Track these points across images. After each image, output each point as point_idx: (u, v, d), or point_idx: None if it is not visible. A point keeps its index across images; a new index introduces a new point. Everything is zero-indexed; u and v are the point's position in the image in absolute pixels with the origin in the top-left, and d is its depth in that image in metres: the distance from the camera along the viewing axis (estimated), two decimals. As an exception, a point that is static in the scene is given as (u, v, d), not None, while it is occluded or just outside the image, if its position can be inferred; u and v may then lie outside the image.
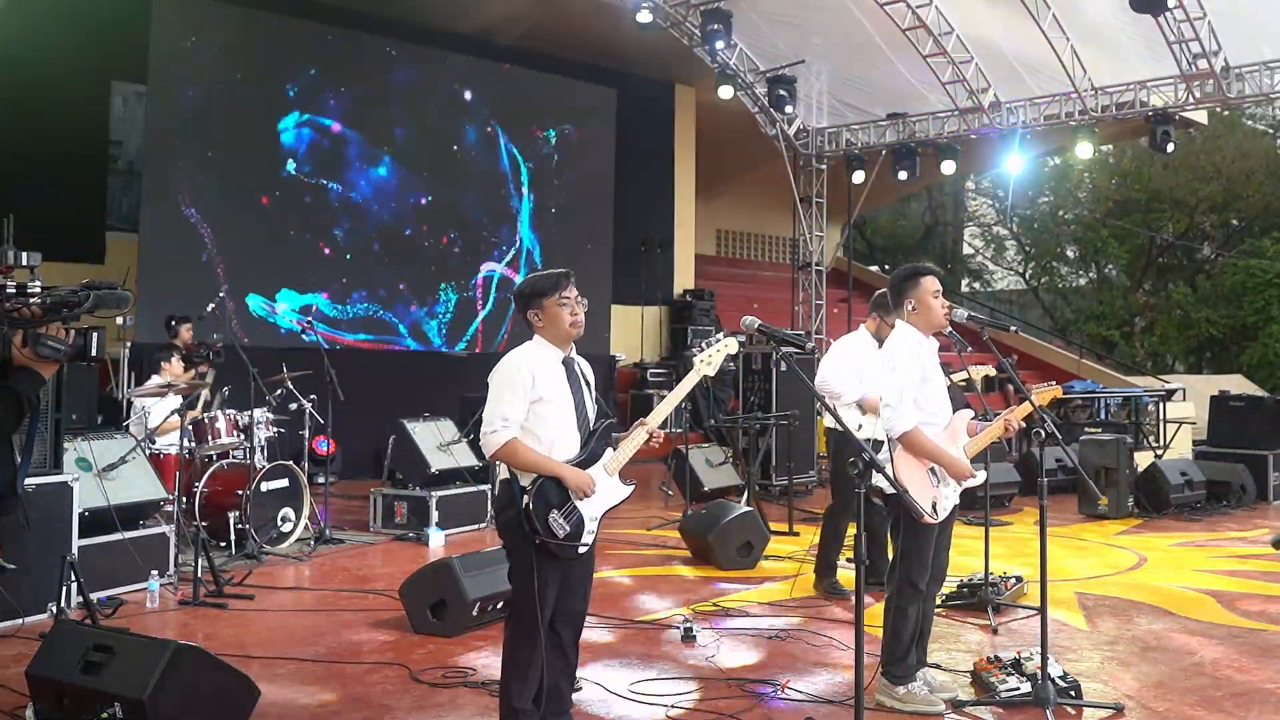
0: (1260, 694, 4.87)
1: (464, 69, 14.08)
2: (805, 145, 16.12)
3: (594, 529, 3.87)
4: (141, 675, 3.86)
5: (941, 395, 4.67)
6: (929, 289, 4.63)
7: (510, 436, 3.77)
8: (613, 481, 3.95)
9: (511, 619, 3.91)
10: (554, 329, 3.90)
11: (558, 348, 3.93)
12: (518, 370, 3.82)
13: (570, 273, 3.94)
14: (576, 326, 3.90)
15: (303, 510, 8.10)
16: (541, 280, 3.92)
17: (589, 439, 3.92)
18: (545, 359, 3.90)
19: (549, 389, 3.85)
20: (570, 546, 3.80)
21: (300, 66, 12.55)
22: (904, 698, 4.56)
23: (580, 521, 3.82)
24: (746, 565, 7.50)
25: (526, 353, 3.91)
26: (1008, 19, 12.56)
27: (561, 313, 3.87)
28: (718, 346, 4.04)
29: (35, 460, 6.00)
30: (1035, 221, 32.85)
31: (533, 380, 3.81)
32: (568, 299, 3.88)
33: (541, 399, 3.83)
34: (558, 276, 3.91)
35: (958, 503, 4.69)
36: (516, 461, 3.80)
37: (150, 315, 11.14)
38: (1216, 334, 28.02)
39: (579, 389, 3.96)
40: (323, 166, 12.72)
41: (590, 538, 3.86)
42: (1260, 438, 11.23)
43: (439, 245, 13.78)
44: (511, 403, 3.78)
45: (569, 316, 3.88)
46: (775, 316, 16.19)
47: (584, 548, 3.84)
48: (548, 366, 3.89)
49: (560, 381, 3.90)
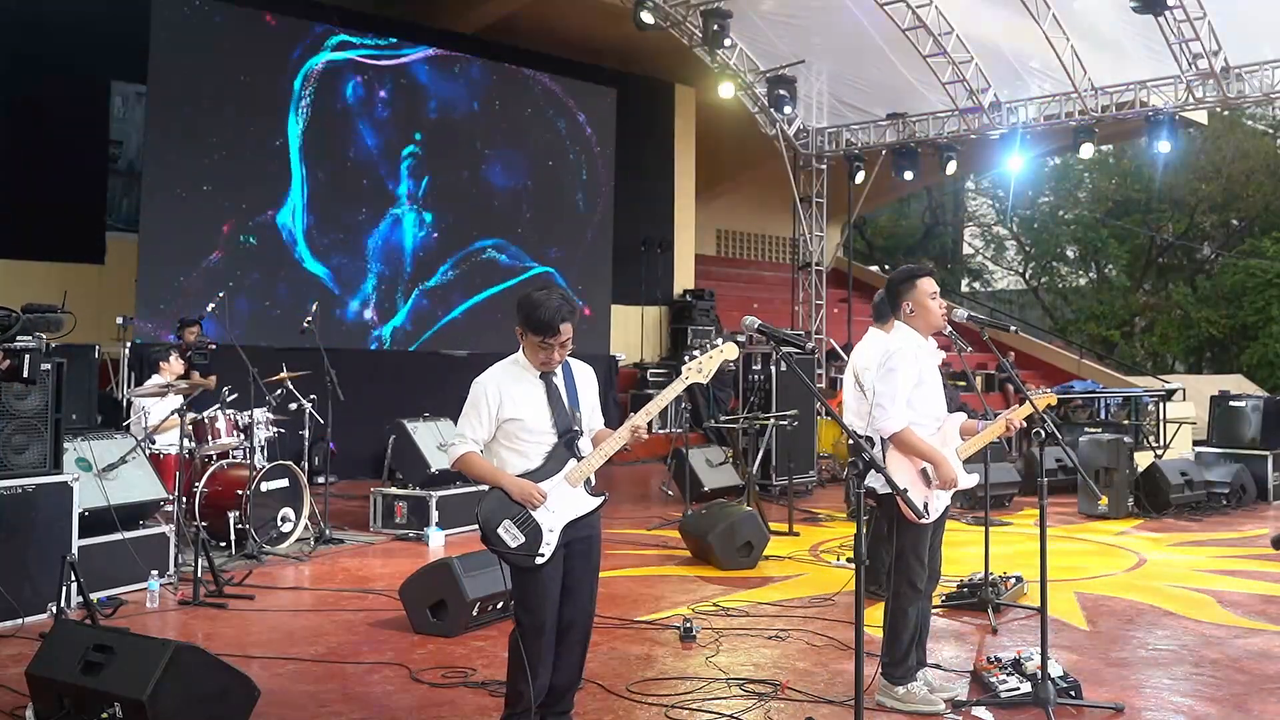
0: (1261, 694, 4.86)
1: (465, 69, 14.07)
2: (805, 145, 16.12)
3: (553, 540, 3.87)
4: (141, 675, 3.86)
5: (936, 398, 4.67)
6: (926, 290, 4.63)
7: (464, 450, 3.96)
8: (576, 493, 3.95)
9: (515, 620, 3.99)
10: (531, 357, 3.99)
11: (536, 367, 4.01)
12: (484, 392, 3.96)
13: (572, 312, 3.94)
14: (549, 366, 3.97)
15: (303, 510, 8.10)
16: (539, 321, 3.88)
17: (550, 452, 3.95)
18: (519, 377, 4.00)
19: (520, 408, 3.94)
20: (523, 556, 3.84)
21: (300, 66, 12.54)
22: (904, 698, 4.56)
23: (536, 531, 3.85)
24: (746, 565, 7.49)
25: (499, 373, 4.02)
26: (1008, 19, 12.57)
27: (540, 354, 3.96)
28: (712, 353, 3.98)
29: (35, 460, 6.01)
30: (1035, 221, 32.85)
31: (500, 402, 3.94)
32: (550, 344, 3.92)
33: (512, 418, 3.94)
34: (555, 321, 3.88)
35: (949, 503, 4.70)
36: (470, 473, 4.03)
37: (150, 315, 11.16)
38: (1216, 334, 28.02)
39: (558, 402, 3.99)
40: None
41: (549, 549, 3.86)
42: (1260, 438, 11.24)
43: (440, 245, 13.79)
44: (472, 421, 3.97)
45: (544, 357, 3.95)
46: (775, 316, 16.24)
47: (540, 559, 3.85)
48: (521, 385, 3.98)
49: (534, 398, 3.97)
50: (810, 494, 11.51)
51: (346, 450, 11.27)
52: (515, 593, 4.01)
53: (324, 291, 12.32)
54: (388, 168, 13.35)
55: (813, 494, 11.55)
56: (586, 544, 4.02)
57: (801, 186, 16.25)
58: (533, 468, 3.94)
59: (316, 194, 12.62)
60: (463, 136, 13.98)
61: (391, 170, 13.39)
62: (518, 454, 3.96)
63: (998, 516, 9.72)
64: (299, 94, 12.53)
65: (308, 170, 12.56)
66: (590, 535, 4.03)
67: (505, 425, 3.96)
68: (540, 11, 14.98)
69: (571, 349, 4.01)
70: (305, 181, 12.54)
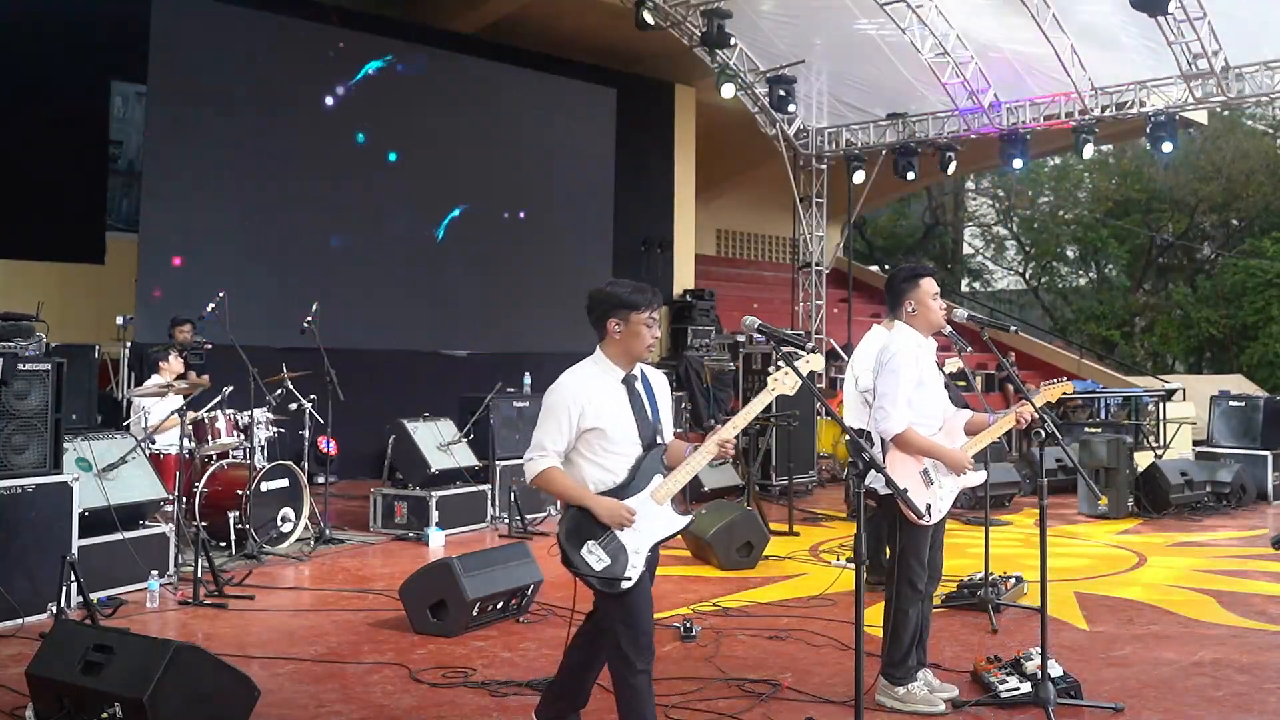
0: (1260, 694, 4.86)
1: (466, 68, 14.06)
2: (805, 145, 16.12)
3: (639, 562, 3.61)
4: (141, 675, 3.86)
5: (937, 398, 4.67)
6: (928, 290, 4.64)
7: (547, 465, 3.64)
8: (663, 510, 3.69)
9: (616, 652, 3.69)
10: (629, 345, 3.71)
11: (620, 366, 3.74)
12: (565, 399, 3.66)
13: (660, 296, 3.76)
14: (651, 350, 3.74)
15: (303, 510, 8.10)
16: (635, 294, 3.71)
17: (635, 466, 3.68)
18: (602, 384, 3.71)
19: (603, 417, 3.66)
20: (609, 581, 3.56)
21: (300, 65, 12.54)
22: (904, 698, 4.56)
23: (622, 553, 3.59)
24: (746, 565, 7.50)
25: (579, 378, 3.72)
26: (1008, 19, 12.56)
27: (645, 332, 3.70)
28: (798, 364, 3.83)
29: (35, 460, 6.02)
30: (1035, 221, 32.85)
31: (582, 411, 3.64)
32: (654, 319, 3.71)
33: (594, 428, 3.65)
34: (651, 295, 3.72)
35: (951, 505, 4.70)
36: (551, 490, 3.71)
37: (150, 315, 11.15)
38: (1216, 334, 28.02)
39: (642, 410, 3.73)
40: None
41: (635, 571, 3.59)
42: (1260, 438, 11.24)
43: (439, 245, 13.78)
44: (553, 432, 3.65)
45: (650, 339, 3.71)
46: (775, 316, 16.20)
47: (627, 582, 3.57)
48: (604, 392, 3.69)
49: (618, 406, 3.69)
50: (810, 494, 11.51)
51: (347, 450, 11.27)
52: (606, 617, 3.69)
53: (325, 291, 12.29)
54: (388, 167, 13.34)
55: (813, 494, 11.55)
56: (653, 562, 3.78)
57: (801, 186, 16.25)
58: (617, 483, 3.66)
59: (317, 193, 12.61)
60: (462, 136, 13.97)
61: (392, 169, 13.38)
62: (599, 467, 3.67)
63: (998, 516, 9.73)
64: (299, 94, 12.52)
65: (308, 170, 12.55)
66: (658, 554, 3.80)
67: (586, 435, 3.65)
68: (540, 11, 14.97)
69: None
70: (305, 181, 12.53)
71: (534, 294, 14.20)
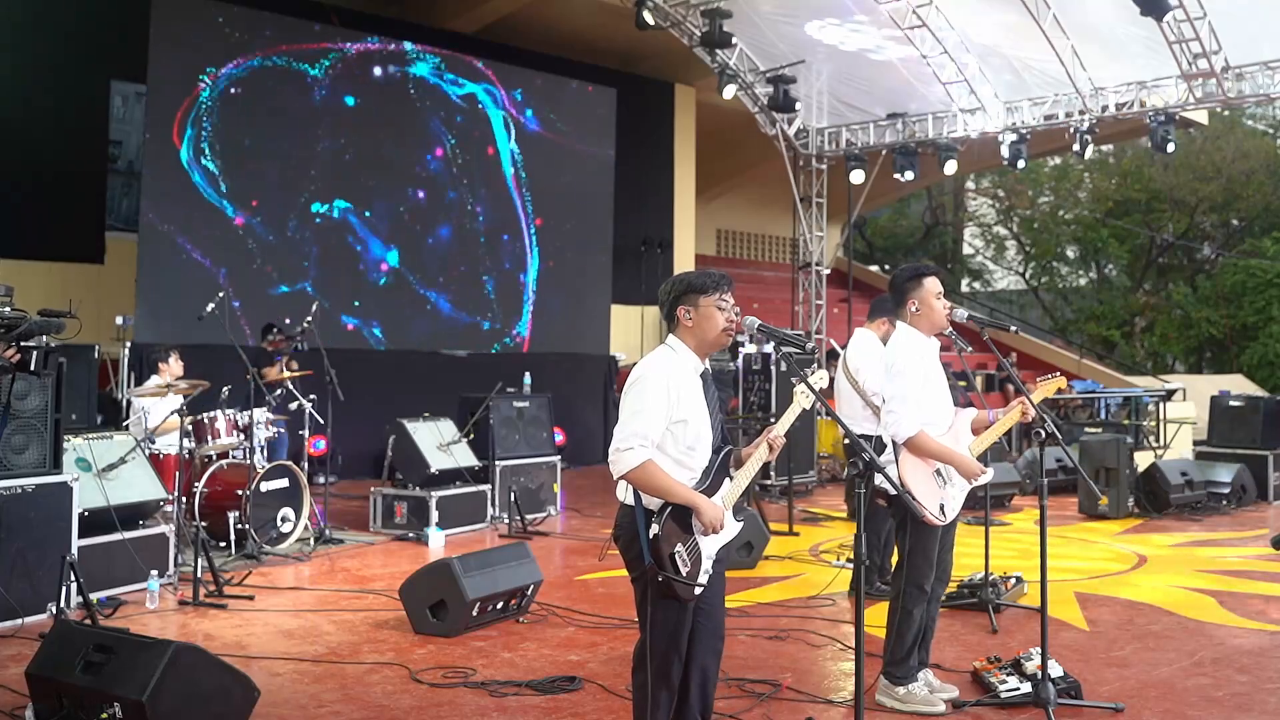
0: (1260, 694, 4.86)
1: (466, 69, 14.06)
2: (805, 145, 16.12)
3: (709, 569, 3.44)
4: (141, 675, 3.86)
5: (942, 398, 4.66)
6: (932, 290, 4.63)
7: (647, 457, 3.32)
8: (729, 515, 3.52)
9: (642, 666, 3.45)
10: (704, 331, 3.49)
11: (697, 356, 3.53)
12: (663, 384, 3.37)
13: (731, 279, 3.58)
14: (729, 335, 3.51)
15: (303, 510, 8.10)
16: (702, 277, 3.53)
17: (710, 467, 3.47)
18: (684, 372, 3.46)
19: (688, 407, 3.42)
20: (687, 586, 3.35)
21: (301, 65, 12.53)
22: (904, 698, 4.56)
23: (700, 559, 3.41)
24: (746, 565, 7.49)
25: (664, 362, 3.46)
26: (1007, 19, 12.56)
27: (718, 315, 3.48)
28: (821, 373, 3.85)
29: (35, 460, 6.02)
30: (1035, 221, 32.86)
31: (677, 399, 3.39)
32: (726, 303, 3.50)
33: (682, 419, 3.41)
34: (719, 277, 3.54)
35: (963, 504, 4.69)
36: (650, 486, 3.34)
37: (150, 316, 11.15)
38: (1216, 334, 28.03)
39: (714, 405, 3.54)
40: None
41: (706, 578, 3.42)
42: (1260, 438, 11.24)
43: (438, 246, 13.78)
44: (652, 419, 3.35)
45: (724, 321, 3.48)
46: (775, 316, 16.26)
47: (699, 588, 3.40)
48: (687, 381, 3.45)
49: (699, 398, 3.47)
50: (810, 494, 11.51)
51: (347, 450, 11.27)
52: (651, 625, 3.42)
53: (325, 292, 12.32)
54: (387, 167, 13.34)
55: (813, 494, 11.55)
56: (723, 565, 3.59)
57: (801, 186, 16.24)
58: (694, 482, 3.42)
59: (316, 193, 12.61)
60: (461, 136, 13.97)
61: (391, 169, 13.38)
62: (677, 464, 3.41)
63: (998, 516, 9.73)
64: (299, 94, 12.52)
65: (307, 169, 12.55)
66: (728, 558, 3.64)
67: (672, 427, 3.40)
68: (540, 11, 14.97)
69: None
70: (305, 181, 12.53)
71: (534, 294, 14.20)
